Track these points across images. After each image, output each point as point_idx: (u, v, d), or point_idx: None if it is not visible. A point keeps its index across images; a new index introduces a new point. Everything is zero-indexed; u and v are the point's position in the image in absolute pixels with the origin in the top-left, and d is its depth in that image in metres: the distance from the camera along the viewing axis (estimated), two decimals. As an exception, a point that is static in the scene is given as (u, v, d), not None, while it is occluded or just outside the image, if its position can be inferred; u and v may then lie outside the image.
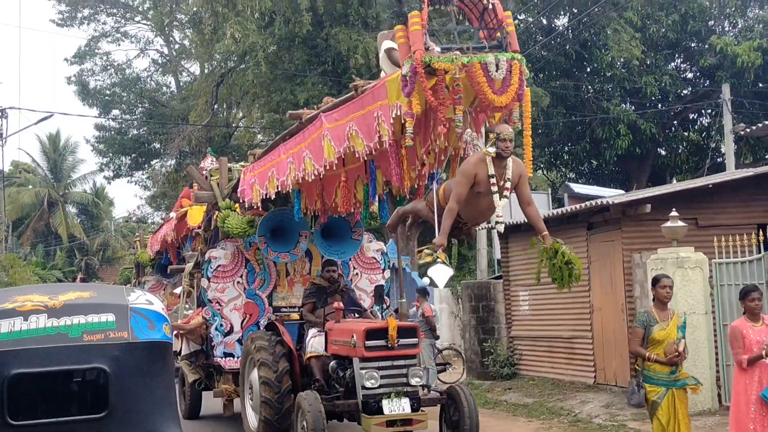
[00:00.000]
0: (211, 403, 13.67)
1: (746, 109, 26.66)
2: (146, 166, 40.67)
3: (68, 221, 48.84)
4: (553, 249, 8.10)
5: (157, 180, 39.62)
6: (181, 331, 12.75)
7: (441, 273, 8.08)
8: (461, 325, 21.12)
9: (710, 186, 15.03)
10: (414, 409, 9.18)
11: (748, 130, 20.20)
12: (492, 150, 7.62)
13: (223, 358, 11.78)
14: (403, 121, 7.31)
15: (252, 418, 10.76)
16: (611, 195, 17.85)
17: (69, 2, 37.75)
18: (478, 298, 19.17)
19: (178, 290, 15.24)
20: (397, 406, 9.04)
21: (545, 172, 33.57)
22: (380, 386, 9.13)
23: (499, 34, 7.42)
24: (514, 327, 18.36)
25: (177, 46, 39.24)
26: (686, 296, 12.87)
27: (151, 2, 35.83)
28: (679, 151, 29.41)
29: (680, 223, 12.95)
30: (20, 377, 5.13)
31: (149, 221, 45.46)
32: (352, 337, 9.35)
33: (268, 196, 10.63)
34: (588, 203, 14.90)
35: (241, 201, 11.59)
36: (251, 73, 26.64)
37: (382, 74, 8.55)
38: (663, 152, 30.47)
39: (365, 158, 8.83)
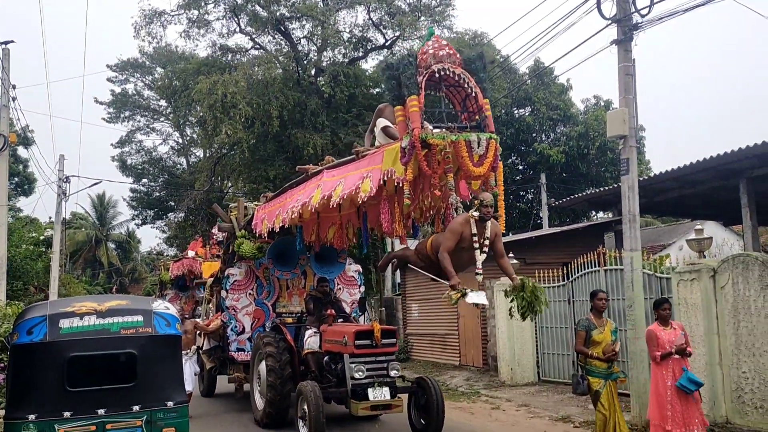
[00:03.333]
0: (223, 386, 12.73)
1: (555, 189, 27.47)
2: (164, 217, 39.73)
3: (108, 253, 47.50)
4: (521, 284, 6.95)
5: (171, 227, 38.83)
6: (204, 331, 11.65)
7: (477, 297, 6.66)
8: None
9: (533, 238, 15.43)
10: (392, 396, 8.18)
11: (556, 203, 20.77)
12: (476, 213, 6.68)
13: (236, 352, 10.81)
14: (397, 183, 6.41)
15: (259, 401, 9.76)
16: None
17: (115, 107, 37.15)
18: (386, 307, 19.20)
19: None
20: (379, 394, 8.05)
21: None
22: (366, 377, 8.10)
23: (477, 117, 6.51)
24: (409, 327, 18.41)
25: (188, 138, 38.67)
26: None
27: (171, 108, 35.25)
28: (514, 215, 30.03)
29: (515, 261, 13.20)
30: (76, 358, 5.01)
31: (165, 254, 44.29)
32: (344, 337, 8.38)
33: (274, 229, 9.59)
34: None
35: (253, 231, 10.49)
36: (238, 157, 26.34)
37: (377, 143, 7.56)
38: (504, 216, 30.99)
39: (342, 210, 7.74)
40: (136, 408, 5.14)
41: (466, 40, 26.71)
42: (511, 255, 13.20)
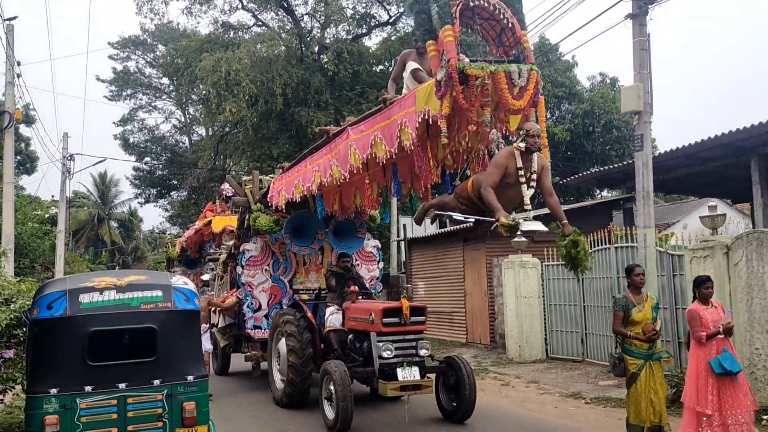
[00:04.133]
0: (237, 364, 12.44)
1: (560, 168, 27.34)
2: (167, 195, 39.68)
3: (111, 232, 47.46)
4: (572, 240, 6.41)
5: (174, 205, 38.82)
6: (219, 308, 11.23)
7: (534, 224, 6.05)
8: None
9: (541, 216, 15.32)
10: (422, 376, 7.66)
11: (563, 181, 20.67)
12: (522, 145, 6.03)
13: (253, 330, 10.39)
14: (433, 122, 5.82)
15: (278, 380, 9.29)
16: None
17: (117, 85, 36.96)
18: (392, 285, 19.19)
19: (206, 276, 13.79)
20: (409, 374, 7.53)
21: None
22: (394, 356, 7.59)
23: (514, 51, 5.95)
24: (414, 305, 18.44)
25: (190, 116, 38.52)
26: (527, 286, 13.06)
27: (173, 86, 35.05)
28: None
29: (523, 239, 13.09)
30: (97, 333, 4.97)
31: (167, 232, 44.27)
32: (370, 314, 7.82)
33: (294, 200, 9.01)
34: (463, 225, 15.08)
35: (270, 205, 9.99)
36: (242, 135, 26.28)
37: (405, 90, 6.93)
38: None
39: (384, 162, 6.95)
40: (156, 382, 5.11)
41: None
42: (520, 232, 13.14)
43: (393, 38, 28.01)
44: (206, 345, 10.37)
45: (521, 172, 6.10)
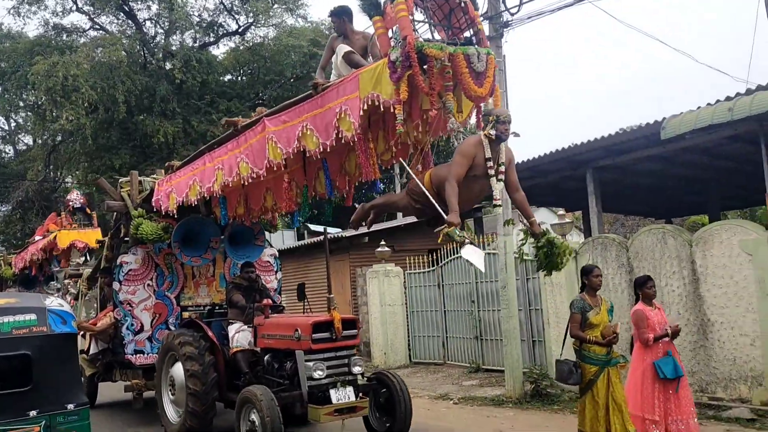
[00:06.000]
0: (106, 395, 10.95)
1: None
2: (-13, 210, 35.98)
3: None
4: (548, 241, 5.80)
5: (-5, 221, 35.26)
6: (90, 332, 9.70)
7: (474, 254, 5.17)
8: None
9: (402, 226, 15.88)
10: (356, 396, 6.80)
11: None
12: (492, 132, 5.34)
13: (134, 355, 8.95)
14: (383, 111, 5.11)
15: (172, 412, 8.02)
16: (340, 231, 18.21)
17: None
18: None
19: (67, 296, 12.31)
20: (343, 395, 6.67)
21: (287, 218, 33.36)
22: (327, 377, 6.70)
23: (467, 33, 5.27)
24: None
25: (15, 124, 35.30)
26: (390, 294, 13.46)
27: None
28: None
29: (386, 249, 13.58)
30: (-36, 363, 4.50)
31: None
32: (296, 331, 6.86)
33: (189, 204, 7.78)
34: (328, 236, 15.22)
35: (156, 209, 8.61)
36: (79, 145, 24.59)
37: (334, 77, 6.10)
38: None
39: (316, 157, 5.95)
40: (33, 413, 4.73)
41: (322, 30, 26.75)
42: (383, 243, 13.55)
43: (242, 48, 27.67)
44: None
45: (490, 164, 5.41)
